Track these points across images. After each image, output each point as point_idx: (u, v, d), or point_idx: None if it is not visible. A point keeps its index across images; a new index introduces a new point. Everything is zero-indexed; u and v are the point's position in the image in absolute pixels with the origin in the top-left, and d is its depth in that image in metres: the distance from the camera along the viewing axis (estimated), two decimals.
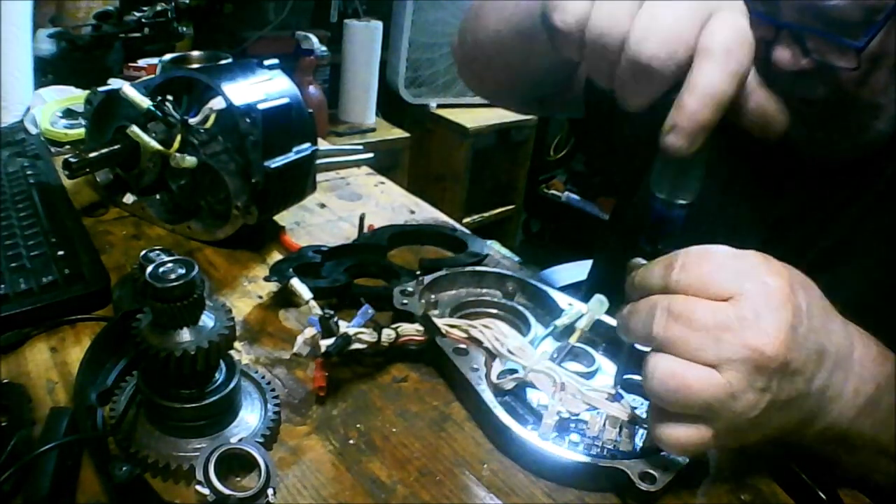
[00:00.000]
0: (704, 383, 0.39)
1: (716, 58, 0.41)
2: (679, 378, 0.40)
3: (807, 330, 0.40)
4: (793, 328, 0.39)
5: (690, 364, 0.40)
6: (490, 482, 0.46)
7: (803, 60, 0.52)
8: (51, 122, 0.95)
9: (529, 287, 0.64)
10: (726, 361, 0.39)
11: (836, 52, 0.51)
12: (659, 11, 0.41)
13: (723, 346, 0.39)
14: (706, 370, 0.39)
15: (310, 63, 2.08)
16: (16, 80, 1.01)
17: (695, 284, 0.41)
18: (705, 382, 0.39)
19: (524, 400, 0.50)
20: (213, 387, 0.45)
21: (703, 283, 0.41)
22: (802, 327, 0.40)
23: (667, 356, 0.41)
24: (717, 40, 0.41)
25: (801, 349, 0.40)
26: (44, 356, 0.53)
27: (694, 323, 0.40)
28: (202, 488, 0.40)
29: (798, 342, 0.40)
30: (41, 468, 0.39)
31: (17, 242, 0.63)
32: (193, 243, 0.73)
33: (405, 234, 0.77)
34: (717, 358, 0.39)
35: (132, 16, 1.19)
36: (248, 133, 0.65)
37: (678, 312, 0.41)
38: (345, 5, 2.31)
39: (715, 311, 0.40)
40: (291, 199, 0.76)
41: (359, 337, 0.51)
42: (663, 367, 0.41)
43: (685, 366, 0.40)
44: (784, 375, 0.40)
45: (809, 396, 0.42)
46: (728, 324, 0.39)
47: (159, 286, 0.40)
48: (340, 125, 2.30)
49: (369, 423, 0.50)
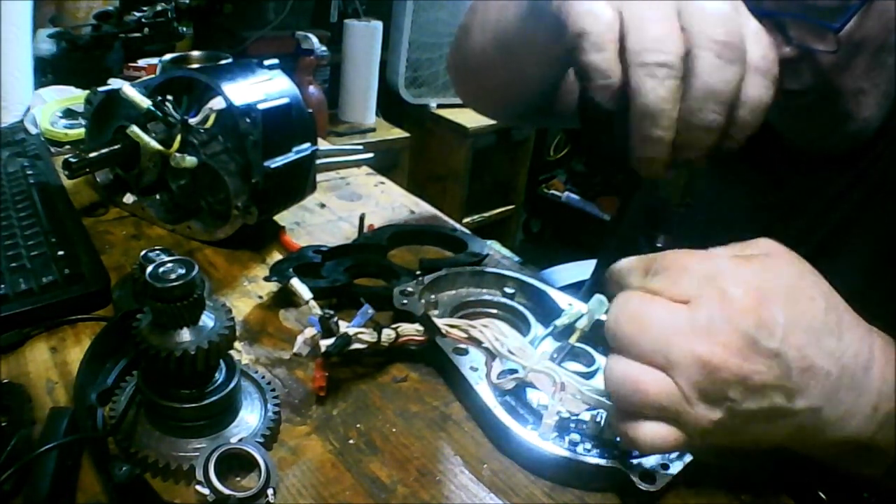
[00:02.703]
0: (657, 387, 0.38)
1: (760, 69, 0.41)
2: (632, 380, 0.39)
3: (780, 345, 0.38)
4: (753, 341, 0.37)
5: (644, 367, 0.39)
6: (490, 482, 0.46)
7: (786, 48, 0.53)
8: (51, 122, 0.95)
9: (529, 287, 0.64)
10: (675, 366, 0.38)
11: (816, 36, 0.52)
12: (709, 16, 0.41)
13: (672, 350, 0.38)
14: (658, 374, 0.38)
15: (310, 63, 2.08)
16: (16, 80, 1.01)
17: (658, 284, 0.40)
18: (658, 386, 0.38)
19: (524, 400, 0.50)
20: (213, 387, 0.45)
21: (666, 286, 0.40)
22: (772, 342, 0.37)
23: (621, 358, 0.40)
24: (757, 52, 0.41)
25: (767, 364, 0.38)
26: (44, 356, 0.53)
27: (646, 324, 0.39)
28: (202, 488, 0.40)
29: (762, 356, 0.37)
30: (41, 468, 0.39)
31: (17, 242, 0.63)
32: (193, 243, 0.73)
33: (405, 234, 0.77)
34: (666, 362, 0.38)
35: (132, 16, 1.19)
36: (248, 133, 0.65)
37: (632, 311, 0.40)
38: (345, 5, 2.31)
39: (670, 313, 0.39)
40: (291, 199, 0.76)
41: (359, 337, 0.51)
42: (618, 367, 0.40)
43: (639, 368, 0.39)
44: (747, 388, 0.38)
45: (795, 414, 0.39)
46: (680, 328, 0.38)
47: (159, 286, 0.40)
48: (340, 125, 2.30)
49: (369, 423, 0.50)
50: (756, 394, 0.38)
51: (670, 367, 0.38)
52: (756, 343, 0.37)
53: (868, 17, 0.52)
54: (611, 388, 0.41)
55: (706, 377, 0.37)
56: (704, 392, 0.38)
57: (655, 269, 0.41)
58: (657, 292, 0.40)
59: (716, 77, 0.40)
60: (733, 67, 0.40)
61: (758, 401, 0.38)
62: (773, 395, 0.38)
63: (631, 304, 0.40)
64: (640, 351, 0.39)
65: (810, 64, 0.55)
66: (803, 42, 0.53)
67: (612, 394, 0.41)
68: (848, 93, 0.56)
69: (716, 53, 0.40)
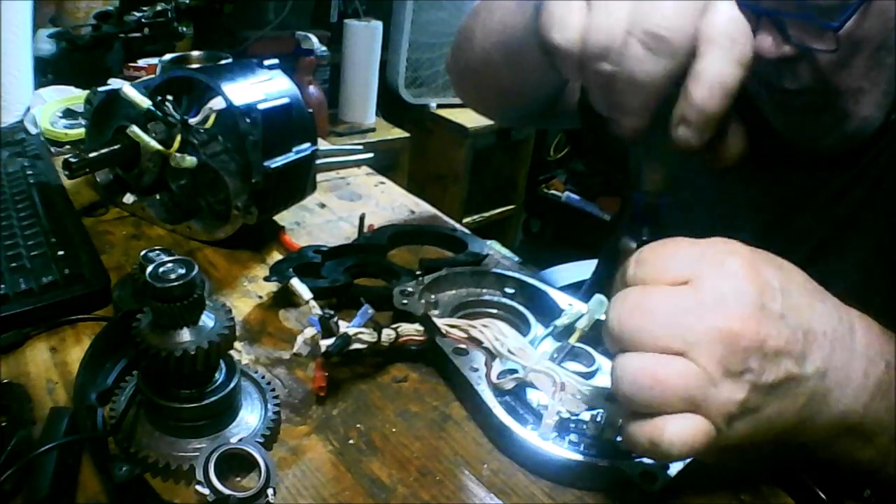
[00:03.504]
0: (678, 374, 0.37)
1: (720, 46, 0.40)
2: (650, 373, 0.37)
3: (782, 307, 0.38)
4: (761, 305, 0.38)
5: (658, 356, 0.38)
6: (490, 482, 0.46)
7: (785, 47, 0.54)
8: (51, 122, 0.95)
9: (529, 287, 0.64)
10: (694, 346, 0.37)
11: (815, 35, 0.52)
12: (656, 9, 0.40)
13: (687, 330, 0.37)
14: (677, 359, 0.37)
15: (310, 63, 2.08)
16: (16, 80, 1.01)
17: (651, 274, 0.40)
18: (679, 372, 0.37)
19: (524, 400, 0.50)
20: (213, 387, 0.45)
21: (659, 272, 0.40)
22: (776, 304, 0.38)
23: (632, 354, 0.38)
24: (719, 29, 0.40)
25: (777, 327, 0.38)
26: (44, 356, 0.53)
27: (652, 311, 0.38)
28: (202, 488, 0.40)
29: (772, 319, 0.38)
30: (41, 468, 0.39)
31: (17, 242, 0.63)
32: (193, 243, 0.73)
33: (405, 234, 0.77)
34: (684, 344, 0.37)
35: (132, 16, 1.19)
36: (248, 133, 0.65)
37: (634, 303, 0.39)
38: (345, 5, 2.31)
39: (673, 296, 0.38)
40: (291, 199, 0.76)
41: (359, 337, 0.51)
42: (631, 365, 0.38)
43: (654, 359, 0.38)
44: (765, 355, 0.38)
45: (807, 379, 0.39)
46: (689, 307, 0.38)
47: (159, 286, 0.40)
48: (340, 125, 2.30)
49: (369, 423, 0.50)
50: (772, 362, 0.38)
51: (689, 348, 0.37)
52: (764, 307, 0.38)
53: (867, 16, 0.52)
54: (625, 389, 0.38)
55: (728, 348, 0.37)
56: (727, 367, 0.37)
57: (641, 261, 0.41)
58: (652, 282, 0.40)
59: (637, 67, 0.40)
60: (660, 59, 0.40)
61: (774, 370, 0.38)
62: (786, 362, 0.38)
63: (630, 299, 0.40)
64: (652, 340, 0.38)
65: (809, 63, 0.55)
66: (802, 41, 0.53)
67: (625, 397, 0.39)
68: (847, 92, 0.56)
69: (642, 43, 0.39)
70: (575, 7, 0.42)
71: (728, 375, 0.37)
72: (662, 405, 0.38)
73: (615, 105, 0.42)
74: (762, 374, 0.38)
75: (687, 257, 0.40)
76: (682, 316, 0.38)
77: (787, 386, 0.39)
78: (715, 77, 0.40)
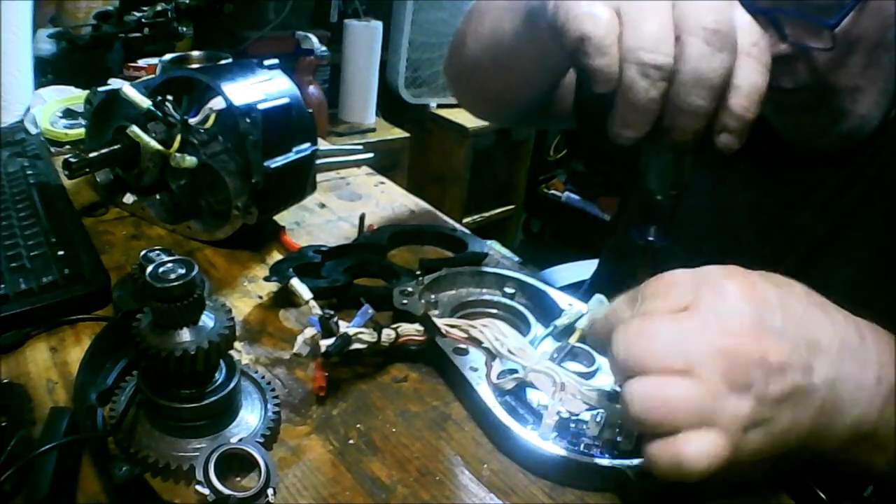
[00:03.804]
0: (684, 391, 0.38)
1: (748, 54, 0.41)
2: (657, 394, 0.38)
3: (782, 322, 0.39)
4: (760, 321, 0.39)
5: (663, 377, 0.39)
6: (490, 482, 0.46)
7: (781, 45, 0.53)
8: (51, 122, 0.95)
9: (529, 287, 0.64)
10: (697, 364, 0.38)
11: (811, 33, 0.53)
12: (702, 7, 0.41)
13: (689, 350, 0.38)
14: (681, 379, 0.38)
15: (310, 63, 2.08)
16: (16, 80, 1.01)
17: (651, 307, 0.41)
18: (684, 390, 0.38)
19: (524, 400, 0.50)
20: (213, 387, 0.45)
21: (660, 304, 0.41)
22: (775, 319, 0.39)
23: (638, 379, 0.39)
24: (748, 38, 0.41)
25: (777, 340, 0.39)
26: (44, 356, 0.53)
27: (654, 335, 0.39)
28: (202, 488, 0.40)
29: (771, 334, 0.39)
30: (41, 468, 0.39)
31: (17, 242, 0.63)
32: (193, 243, 0.73)
33: (405, 234, 0.77)
34: (686, 363, 0.38)
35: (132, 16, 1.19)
36: (248, 133, 0.65)
37: (636, 331, 0.40)
38: (345, 5, 2.31)
39: (674, 320, 0.40)
40: (291, 199, 0.76)
41: (359, 337, 0.51)
42: (638, 388, 0.39)
43: (660, 381, 0.39)
44: (768, 369, 0.38)
45: (816, 389, 0.40)
46: (689, 329, 0.39)
47: (159, 286, 0.40)
48: (340, 125, 2.30)
49: (369, 423, 0.50)
50: (776, 375, 0.39)
51: (691, 367, 0.38)
52: (763, 322, 0.39)
53: (864, 15, 0.52)
54: (635, 412, 0.39)
55: (730, 364, 0.38)
56: (731, 381, 0.38)
57: (642, 296, 0.42)
58: (653, 312, 0.41)
59: (704, 64, 0.41)
60: (722, 55, 0.41)
61: (780, 383, 0.39)
62: (791, 374, 0.39)
63: (632, 328, 0.40)
64: (656, 362, 0.39)
65: (806, 61, 0.55)
66: (799, 39, 0.53)
67: (636, 420, 0.39)
68: (844, 90, 0.57)
69: (704, 40, 0.41)
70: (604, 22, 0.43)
71: (733, 389, 0.38)
72: (675, 423, 0.38)
73: (674, 105, 0.43)
74: (767, 387, 0.38)
75: (685, 285, 0.41)
76: (683, 337, 0.39)
77: (796, 397, 0.39)
78: (752, 86, 0.42)
